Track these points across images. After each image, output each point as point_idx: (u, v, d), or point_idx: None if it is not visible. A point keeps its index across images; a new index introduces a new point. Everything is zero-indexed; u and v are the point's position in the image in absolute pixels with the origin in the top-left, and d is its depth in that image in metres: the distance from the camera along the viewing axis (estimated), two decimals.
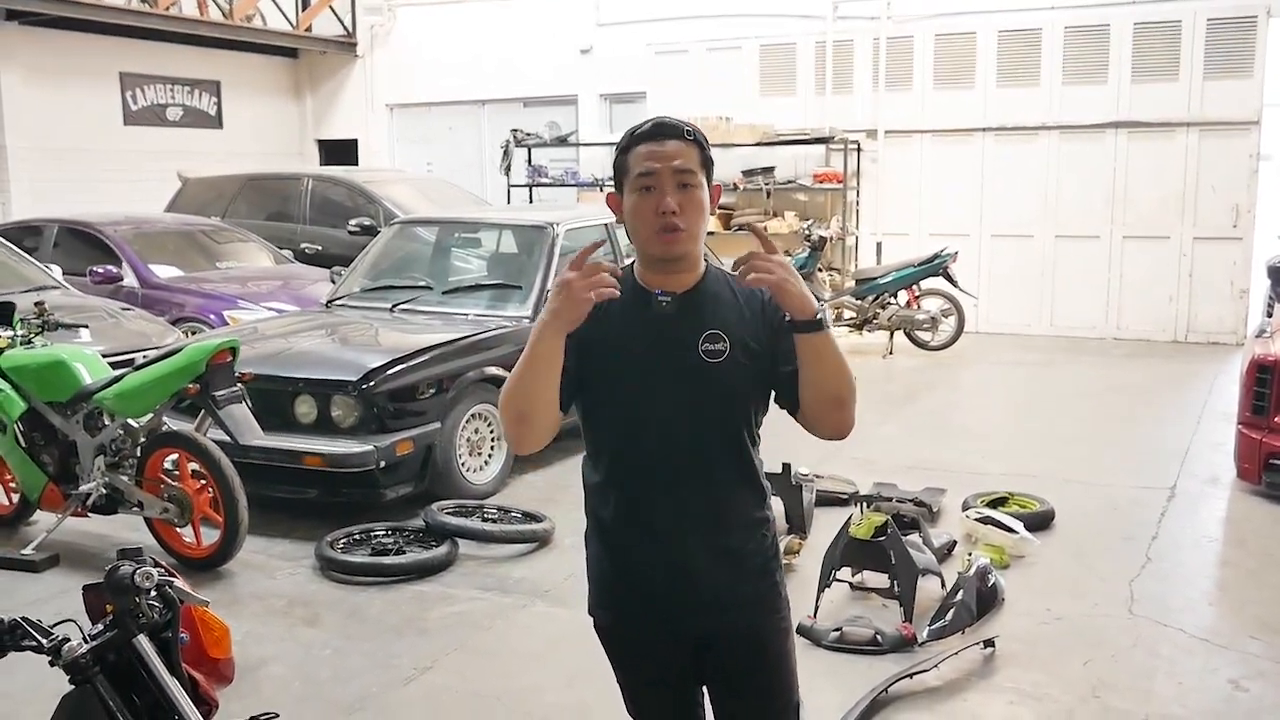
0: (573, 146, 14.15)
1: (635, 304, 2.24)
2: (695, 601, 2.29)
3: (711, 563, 2.28)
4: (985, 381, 9.89)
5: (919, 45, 12.04)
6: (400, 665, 4.27)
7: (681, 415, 2.23)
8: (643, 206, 2.20)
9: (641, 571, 2.32)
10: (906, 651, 4.25)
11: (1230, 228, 10.97)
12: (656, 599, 2.31)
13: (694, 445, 2.25)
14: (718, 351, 2.21)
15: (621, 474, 2.30)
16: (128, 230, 9.60)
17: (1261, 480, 6.13)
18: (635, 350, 2.24)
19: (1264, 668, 4.18)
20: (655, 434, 2.25)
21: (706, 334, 2.21)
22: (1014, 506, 5.81)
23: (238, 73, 15.71)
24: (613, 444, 2.31)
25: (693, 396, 2.22)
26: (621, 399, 2.26)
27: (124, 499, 5.27)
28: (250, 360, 5.76)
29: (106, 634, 2.19)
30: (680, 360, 2.21)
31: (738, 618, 2.32)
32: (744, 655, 2.36)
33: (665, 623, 2.33)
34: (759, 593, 2.34)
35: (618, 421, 2.28)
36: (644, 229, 2.21)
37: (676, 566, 2.28)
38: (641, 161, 2.20)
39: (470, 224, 8.37)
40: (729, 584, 2.29)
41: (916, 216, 12.09)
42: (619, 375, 2.25)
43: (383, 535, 5.49)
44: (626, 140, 2.25)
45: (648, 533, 2.29)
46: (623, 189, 2.25)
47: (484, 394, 6.27)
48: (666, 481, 2.26)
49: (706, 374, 2.21)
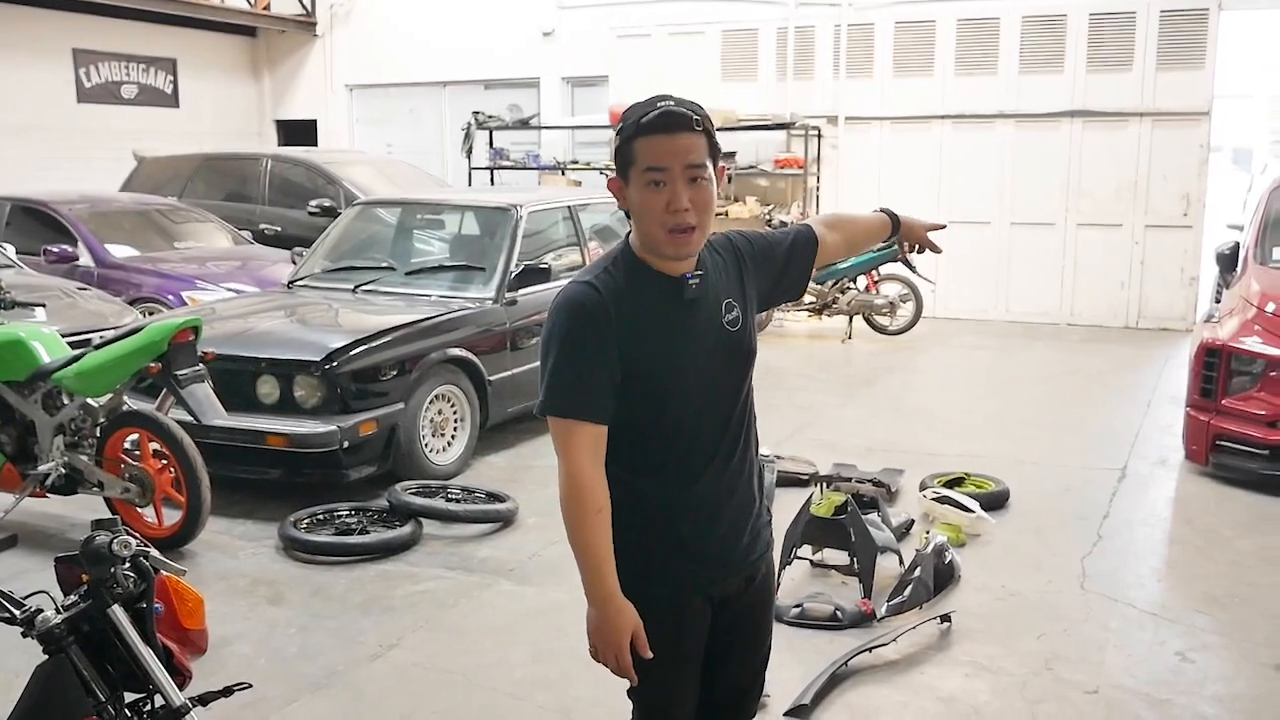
0: (535, 129, 14.13)
1: (660, 292, 2.19)
2: (735, 564, 2.36)
3: (744, 524, 2.35)
4: (942, 365, 10.02)
5: (879, 33, 12.12)
6: (366, 642, 4.29)
7: (719, 389, 2.27)
8: (652, 202, 2.12)
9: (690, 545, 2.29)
10: (866, 627, 4.34)
11: (1181, 216, 11.17)
12: (705, 569, 2.32)
13: (729, 415, 2.29)
14: (735, 320, 2.26)
15: (671, 456, 2.25)
16: (83, 209, 9.48)
17: (1208, 461, 6.28)
18: (675, 339, 2.20)
19: (1209, 640, 4.31)
20: (699, 413, 2.24)
21: (724, 303, 2.25)
22: (970, 486, 5.92)
23: (195, 51, 15.50)
24: (660, 430, 2.24)
25: (727, 369, 2.27)
26: (668, 387, 2.21)
27: (83, 479, 5.24)
28: (212, 340, 5.72)
29: (81, 604, 2.21)
30: (712, 337, 2.24)
31: (757, 571, 2.41)
32: (755, 607, 2.44)
33: (707, 589, 2.34)
34: (768, 544, 2.46)
35: (666, 408, 2.22)
36: (654, 226, 2.14)
37: (721, 535, 2.31)
38: (650, 155, 2.11)
39: (433, 205, 8.35)
40: (753, 542, 2.38)
41: (876, 203, 12.10)
42: (665, 366, 2.20)
43: (346, 515, 5.49)
44: (633, 129, 2.13)
45: (696, 507, 2.28)
46: (626, 176, 2.16)
47: (447, 375, 6.28)
48: (709, 454, 2.27)
49: (733, 343, 2.26)
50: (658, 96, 2.18)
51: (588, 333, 2.14)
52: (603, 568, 2.16)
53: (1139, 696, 3.85)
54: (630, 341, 2.14)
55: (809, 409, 8.08)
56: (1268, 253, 7.21)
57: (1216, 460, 6.24)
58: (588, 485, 2.15)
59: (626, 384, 2.17)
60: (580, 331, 2.14)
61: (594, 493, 2.16)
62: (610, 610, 2.18)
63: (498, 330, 6.70)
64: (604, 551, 2.16)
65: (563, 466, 2.19)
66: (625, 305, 2.15)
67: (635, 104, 2.18)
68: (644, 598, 2.23)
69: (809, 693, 3.77)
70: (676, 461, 2.25)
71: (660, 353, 2.18)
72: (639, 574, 2.23)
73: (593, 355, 2.14)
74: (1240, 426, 6.13)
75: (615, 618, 2.18)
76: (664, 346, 2.18)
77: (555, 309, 2.19)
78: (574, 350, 2.15)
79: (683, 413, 2.23)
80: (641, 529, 2.24)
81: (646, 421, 2.22)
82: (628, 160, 2.15)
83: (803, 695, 3.76)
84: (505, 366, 6.69)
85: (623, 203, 2.20)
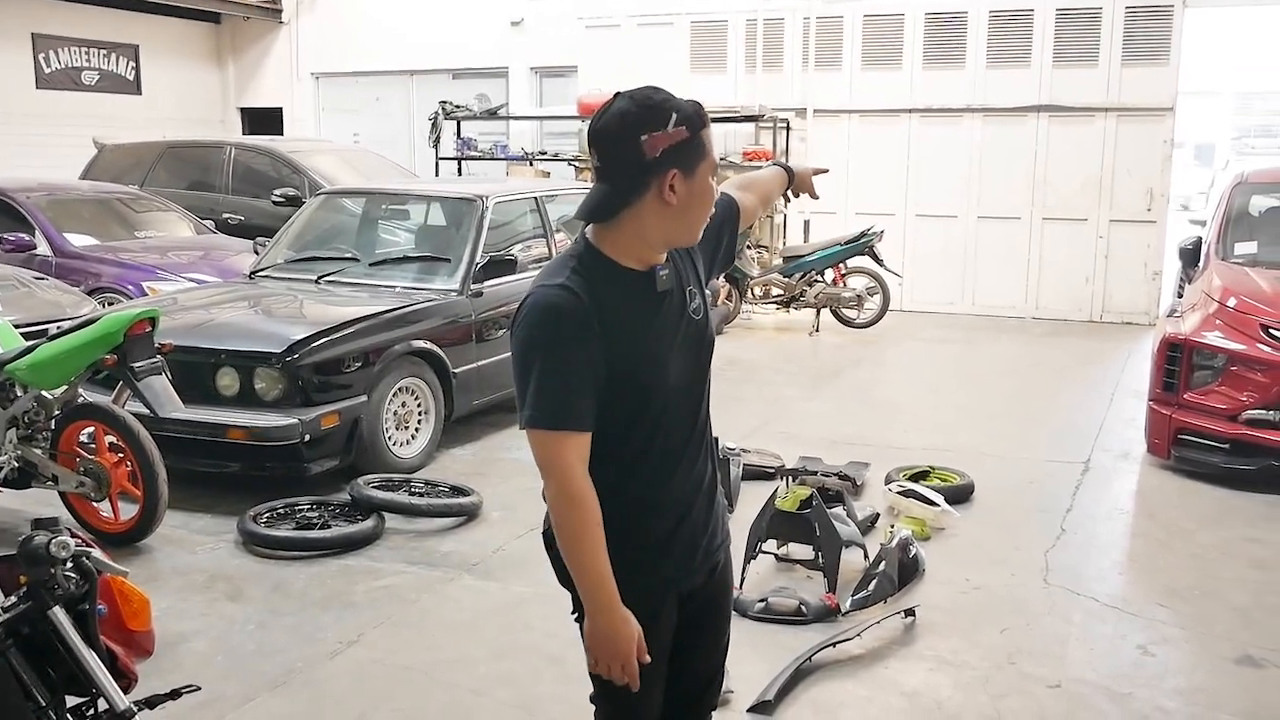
0: (502, 119, 14.03)
1: (633, 288, 2.16)
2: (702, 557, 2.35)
3: (710, 517, 2.35)
4: (909, 359, 10.05)
5: (848, 26, 12.13)
6: (326, 639, 4.23)
7: (689, 380, 2.26)
8: (713, 193, 2.17)
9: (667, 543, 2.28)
10: (830, 621, 4.33)
11: (1145, 211, 11.25)
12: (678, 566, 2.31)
13: (698, 408, 2.29)
14: (698, 308, 2.26)
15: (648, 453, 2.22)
16: (41, 197, 9.32)
17: (1170, 455, 6.33)
18: (652, 333, 2.18)
19: (1170, 633, 4.33)
20: (674, 407, 2.23)
21: (688, 292, 2.25)
22: (935, 480, 5.93)
23: (157, 37, 15.29)
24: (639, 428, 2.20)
25: (695, 359, 2.27)
26: (647, 383, 2.17)
27: (37, 473, 5.14)
28: (171, 331, 5.64)
29: (19, 606, 2.15)
30: (683, 328, 2.23)
31: (718, 562, 2.40)
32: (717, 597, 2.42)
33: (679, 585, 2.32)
34: (728, 533, 2.45)
35: (647, 405, 2.19)
36: (703, 215, 2.17)
37: (692, 531, 2.31)
38: (713, 148, 2.13)
39: (398, 196, 8.28)
40: (716, 533, 2.38)
41: (843, 195, 12.20)
42: (645, 363, 2.17)
43: (307, 509, 5.42)
44: (700, 121, 2.10)
45: (670, 504, 2.27)
46: (692, 167, 2.09)
47: (411, 367, 6.22)
48: (682, 449, 2.26)
49: (698, 332, 2.26)
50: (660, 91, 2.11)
51: (570, 339, 2.07)
52: (605, 579, 2.12)
53: (1101, 690, 3.86)
54: (611, 342, 2.09)
55: (776, 402, 8.07)
56: (1229, 248, 7.27)
57: (1178, 454, 6.29)
58: (583, 497, 2.10)
59: (609, 385, 2.12)
60: (563, 339, 2.07)
61: (590, 504, 2.11)
62: (616, 620, 2.14)
63: (463, 322, 6.63)
64: (604, 563, 2.12)
65: (553, 480, 2.11)
66: (603, 305, 2.09)
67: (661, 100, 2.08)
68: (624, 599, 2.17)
69: (773, 688, 3.75)
70: (653, 458, 2.22)
71: (639, 350, 2.14)
72: (617, 576, 2.16)
73: (578, 363, 2.07)
74: (1202, 420, 6.17)
75: (622, 627, 2.14)
76: (642, 343, 2.14)
77: (531, 316, 2.10)
78: (558, 359, 2.07)
79: (660, 408, 2.20)
80: (619, 530, 2.17)
81: (626, 420, 2.17)
82: (700, 153, 2.10)
83: (767, 690, 3.74)
84: (470, 359, 6.63)
85: (670, 195, 2.08)
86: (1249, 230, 7.48)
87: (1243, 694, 3.87)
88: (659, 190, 2.07)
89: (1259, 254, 7.18)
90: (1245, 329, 6.18)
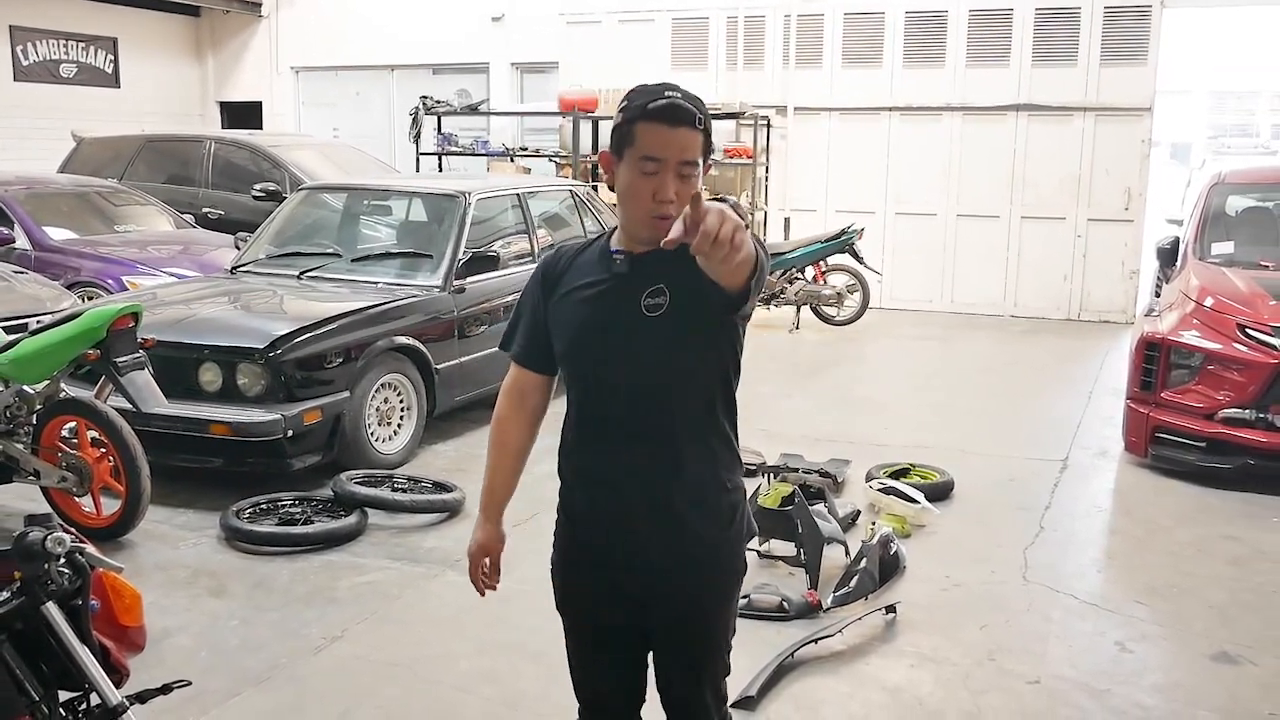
0: (483, 115, 14.01)
1: (597, 265, 2.31)
2: (635, 561, 2.32)
3: (654, 523, 2.29)
4: (888, 356, 10.10)
5: (829, 24, 12.17)
6: (310, 635, 4.23)
7: (627, 369, 2.25)
8: (641, 188, 2.17)
9: (589, 527, 2.37)
10: (812, 617, 4.36)
11: (1122, 210, 11.35)
12: (599, 555, 2.36)
13: (644, 402, 2.26)
14: (656, 305, 2.20)
15: (581, 431, 2.36)
16: (19, 190, 9.24)
17: (1148, 453, 6.39)
18: (588, 306, 2.28)
19: (1148, 630, 4.39)
20: (608, 391, 2.28)
21: (650, 289, 2.21)
22: (915, 477, 5.97)
23: (136, 30, 15.19)
24: (576, 401, 2.36)
25: (640, 353, 2.23)
26: (581, 358, 2.32)
27: (19, 468, 5.11)
28: (153, 326, 5.62)
29: (13, 602, 2.15)
30: (624, 315, 2.23)
31: (675, 581, 2.32)
32: (678, 618, 2.37)
33: (605, 579, 2.36)
34: (700, 559, 2.34)
35: (579, 380, 2.34)
36: (637, 210, 2.20)
37: (619, 523, 2.31)
38: (649, 143, 2.15)
39: (380, 191, 8.26)
40: (669, 546, 2.30)
41: (824, 193, 12.26)
42: (577, 334, 2.30)
43: (290, 505, 5.42)
44: (638, 112, 2.16)
45: (598, 488, 2.34)
46: (620, 153, 2.20)
47: (393, 363, 6.22)
48: (612, 435, 2.29)
49: (648, 328, 2.20)
50: (665, 85, 2.21)
51: (531, 287, 2.42)
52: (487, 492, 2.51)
53: (1080, 687, 3.90)
54: (554, 298, 2.34)
55: (756, 399, 8.08)
56: (1206, 248, 7.35)
57: (1156, 452, 6.35)
58: (498, 417, 2.49)
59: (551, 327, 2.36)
60: (529, 285, 2.43)
61: (501, 425, 2.48)
62: (476, 526, 2.54)
63: (445, 318, 6.64)
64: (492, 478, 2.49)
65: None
66: (567, 268, 2.35)
67: (642, 86, 2.22)
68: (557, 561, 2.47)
69: (755, 684, 3.78)
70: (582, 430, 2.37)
71: (566, 315, 2.32)
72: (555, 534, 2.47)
73: (527, 306, 2.42)
74: (1179, 419, 6.24)
75: (476, 531, 2.53)
76: (571, 308, 2.31)
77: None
78: (520, 299, 2.46)
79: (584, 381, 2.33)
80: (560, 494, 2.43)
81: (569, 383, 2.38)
82: (626, 140, 2.19)
83: (749, 687, 3.77)
84: (453, 355, 6.63)
85: (610, 178, 2.26)
86: (1226, 230, 7.55)
87: (1220, 690, 3.92)
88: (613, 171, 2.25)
89: (1236, 254, 7.25)
90: (1222, 328, 6.25)
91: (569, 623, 2.50)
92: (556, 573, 2.47)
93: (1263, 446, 5.97)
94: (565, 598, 2.47)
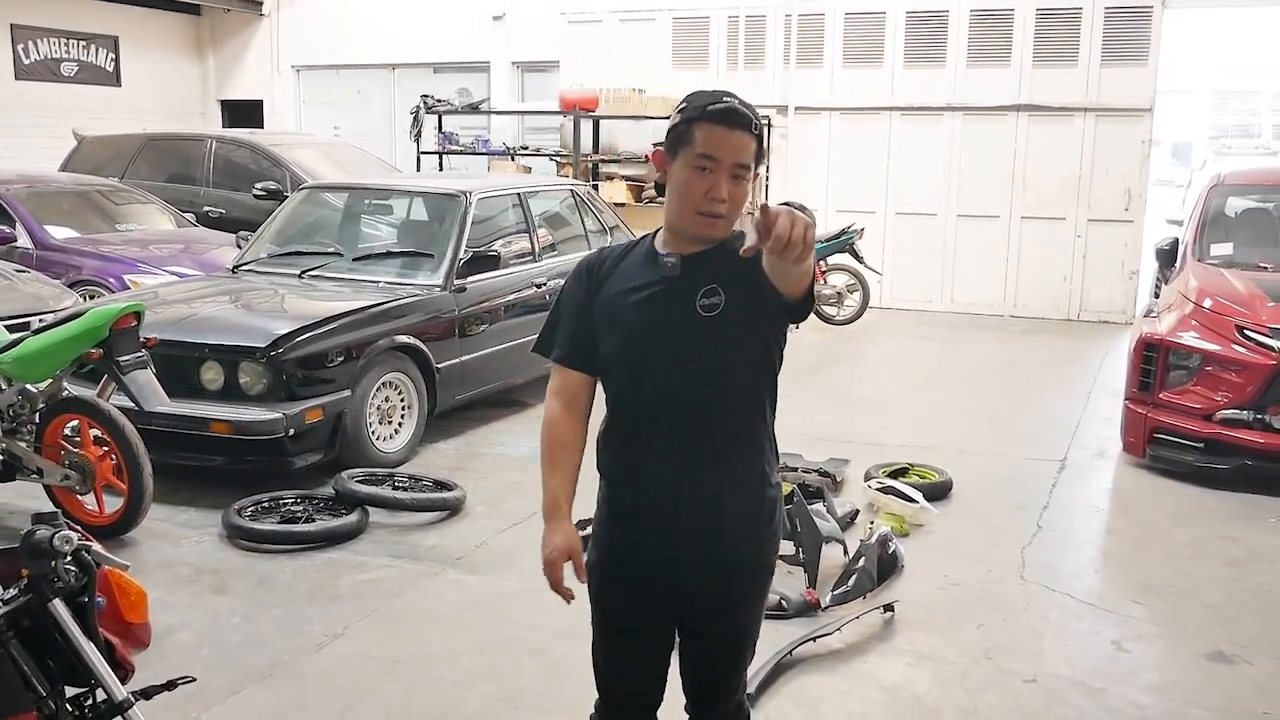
0: (484, 114, 14.03)
1: (644, 266, 2.36)
2: (678, 557, 2.37)
3: (700, 519, 2.35)
4: (888, 356, 10.12)
5: (829, 23, 12.19)
6: (311, 632, 4.26)
7: (680, 369, 2.32)
8: (694, 185, 2.25)
9: (630, 517, 2.41)
10: (810, 616, 4.38)
11: (1122, 211, 11.36)
12: (642, 552, 2.39)
13: (697, 400, 2.33)
14: (712, 305, 2.27)
15: (630, 429, 2.40)
16: (21, 189, 9.27)
17: (1146, 453, 6.41)
18: (639, 308, 2.33)
19: (1144, 630, 4.41)
20: (660, 390, 2.34)
21: (704, 289, 2.27)
22: (914, 477, 6.00)
23: (137, 28, 15.21)
24: (618, 396, 2.41)
25: (695, 352, 2.30)
26: (635, 358, 2.36)
27: (22, 466, 5.13)
28: (155, 325, 5.64)
29: (21, 598, 2.17)
30: (678, 315, 2.29)
31: (714, 577, 2.39)
32: (715, 613, 2.44)
33: (645, 576, 2.41)
34: (741, 555, 2.40)
35: (630, 380, 2.38)
36: (687, 206, 2.27)
37: (666, 520, 2.36)
38: (706, 142, 2.22)
39: (381, 191, 8.28)
40: (712, 542, 2.36)
41: (824, 193, 12.27)
42: (631, 335, 2.35)
43: (292, 503, 5.44)
44: (698, 113, 2.24)
45: (641, 480, 2.39)
46: (675, 152, 2.27)
47: (394, 362, 6.24)
48: (663, 433, 2.35)
49: (702, 328, 2.28)
50: (723, 91, 2.30)
51: (570, 286, 2.46)
52: (553, 494, 2.44)
53: (1076, 685, 3.93)
54: (599, 298, 2.38)
55: None
56: (1206, 249, 7.37)
57: (1154, 452, 6.37)
58: (549, 419, 2.47)
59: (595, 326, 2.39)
60: (566, 285, 2.48)
61: (553, 427, 2.46)
62: (549, 528, 2.44)
63: (446, 317, 6.66)
64: (555, 481, 2.44)
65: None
66: (612, 268, 2.40)
67: (700, 91, 2.32)
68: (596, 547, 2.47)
69: (754, 681, 3.79)
70: (624, 426, 2.40)
71: (613, 316, 2.36)
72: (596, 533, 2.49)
73: (569, 306, 2.45)
74: (1177, 419, 6.26)
75: (550, 535, 2.42)
76: (626, 309, 2.34)
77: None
78: (559, 299, 2.49)
79: (627, 378, 2.37)
80: (602, 492, 2.47)
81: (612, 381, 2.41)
82: (683, 140, 2.26)
83: (748, 684, 3.79)
84: (454, 354, 6.66)
85: (662, 175, 2.33)
86: (1225, 231, 7.57)
87: (1215, 690, 3.94)
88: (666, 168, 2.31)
89: (1235, 255, 7.27)
90: (1220, 330, 6.27)
91: (601, 617, 2.52)
92: (595, 569, 2.47)
93: (1260, 447, 5.99)
94: (602, 594, 2.49)
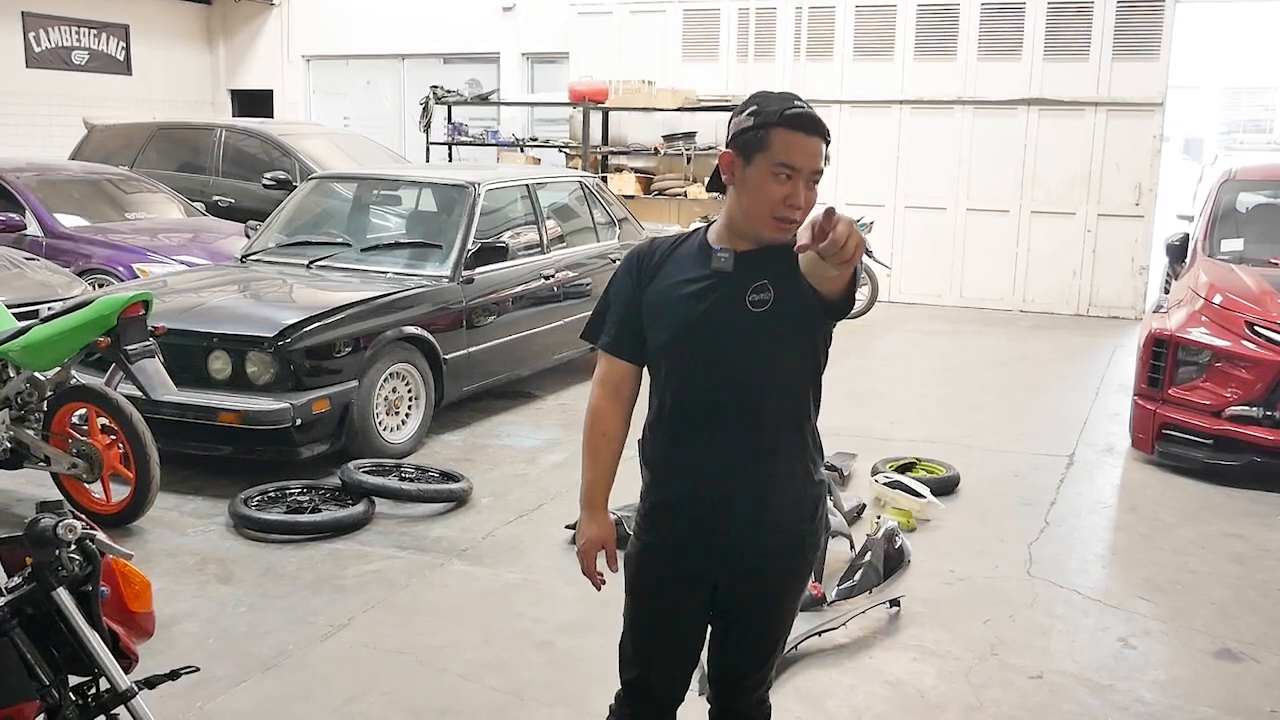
0: (494, 105, 14.02)
1: (697, 260, 2.38)
2: (717, 546, 2.39)
3: (746, 512, 2.37)
4: (896, 350, 10.09)
5: (840, 16, 12.14)
6: (317, 622, 4.27)
7: (728, 364, 2.33)
8: (772, 192, 2.26)
9: (674, 509, 2.42)
10: (816, 610, 4.37)
11: (1133, 206, 11.32)
12: (686, 543, 2.41)
13: (746, 394, 2.34)
14: (762, 301, 2.29)
15: (678, 421, 2.40)
16: (31, 177, 9.29)
17: (1154, 450, 6.39)
18: (690, 302, 2.34)
19: (1151, 626, 4.40)
20: (710, 383, 2.35)
21: (755, 285, 2.29)
22: (921, 472, 5.98)
23: (148, 17, 15.21)
24: (666, 389, 2.41)
25: (744, 345, 2.32)
26: (685, 350, 2.37)
27: (29, 454, 5.15)
28: (164, 314, 5.64)
29: (24, 587, 2.18)
30: (728, 311, 2.31)
31: (757, 568, 2.41)
32: (756, 603, 2.46)
33: (687, 566, 2.42)
34: (784, 548, 2.44)
35: (680, 372, 2.39)
36: (763, 211, 2.28)
37: (712, 512, 2.38)
38: (787, 150, 2.24)
39: (390, 181, 8.27)
40: (757, 535, 2.38)
41: (834, 186, 12.22)
42: (681, 327, 2.35)
43: (298, 493, 5.45)
44: (775, 118, 2.25)
45: (687, 473, 2.40)
46: (749, 156, 2.27)
47: (402, 353, 6.24)
48: (710, 426, 2.36)
49: (753, 323, 2.29)
50: (788, 94, 2.31)
51: (621, 277, 2.48)
52: (592, 483, 2.51)
53: (1081, 681, 3.92)
54: (649, 291, 2.41)
55: None
56: (1216, 245, 7.33)
57: (1162, 449, 6.35)
58: (593, 409, 2.51)
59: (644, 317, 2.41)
60: (616, 276, 2.51)
61: (597, 418, 2.50)
62: (586, 518, 2.52)
63: (454, 308, 6.66)
64: (596, 470, 2.50)
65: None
66: (664, 260, 2.42)
67: (766, 92, 2.32)
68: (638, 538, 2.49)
69: None
70: (668, 421, 2.41)
71: (663, 309, 2.38)
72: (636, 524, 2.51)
73: (619, 297, 2.47)
74: (1186, 416, 6.23)
75: (587, 525, 2.51)
76: (677, 301, 2.36)
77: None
78: (609, 289, 2.52)
79: (675, 371, 2.38)
80: (645, 483, 2.49)
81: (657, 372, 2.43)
82: (758, 145, 2.26)
83: None
84: (461, 345, 6.65)
85: (729, 178, 2.32)
86: (1236, 227, 7.53)
87: (1221, 687, 3.93)
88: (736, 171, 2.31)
89: (1245, 251, 7.24)
90: (1231, 326, 6.24)
91: (635, 608, 2.53)
92: (633, 558, 2.50)
93: (1270, 444, 5.97)
94: (639, 584, 2.51)
